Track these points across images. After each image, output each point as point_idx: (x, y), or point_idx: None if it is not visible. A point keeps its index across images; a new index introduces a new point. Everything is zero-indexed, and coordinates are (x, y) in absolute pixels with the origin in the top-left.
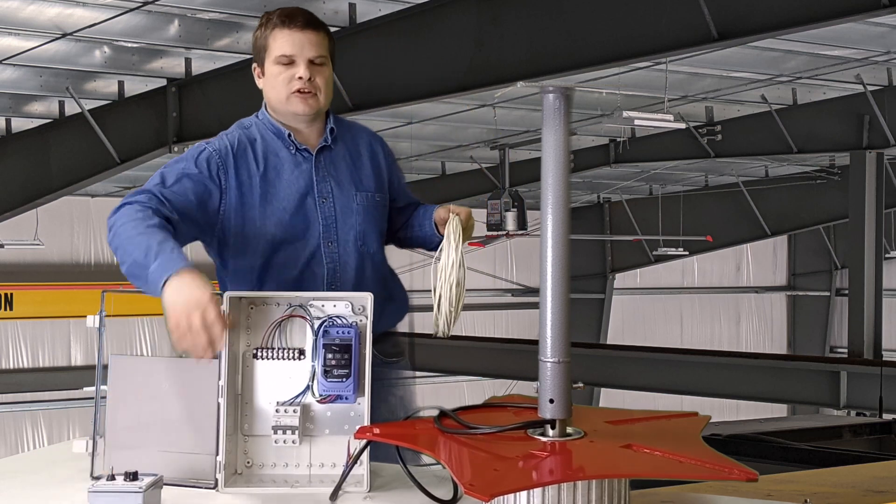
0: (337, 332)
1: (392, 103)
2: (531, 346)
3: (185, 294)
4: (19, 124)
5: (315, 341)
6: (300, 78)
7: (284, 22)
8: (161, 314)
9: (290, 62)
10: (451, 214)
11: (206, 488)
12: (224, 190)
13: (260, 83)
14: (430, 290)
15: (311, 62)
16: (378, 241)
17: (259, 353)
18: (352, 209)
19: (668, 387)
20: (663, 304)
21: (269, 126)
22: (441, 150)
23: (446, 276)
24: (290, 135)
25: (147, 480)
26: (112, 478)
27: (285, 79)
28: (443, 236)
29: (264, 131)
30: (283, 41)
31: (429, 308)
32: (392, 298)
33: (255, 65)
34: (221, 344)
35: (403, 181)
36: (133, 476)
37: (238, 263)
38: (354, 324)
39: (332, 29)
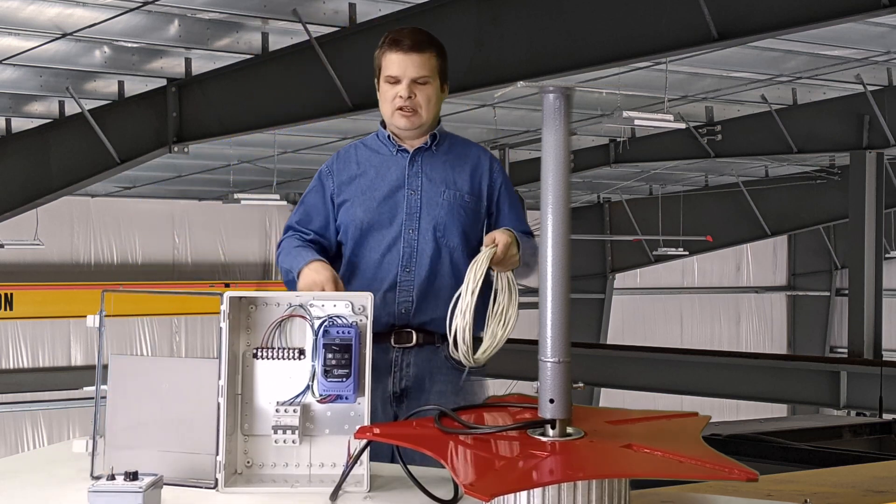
0: (337, 332)
1: None
2: (531, 346)
3: (311, 276)
4: (19, 124)
5: (315, 341)
6: (401, 97)
7: (392, 44)
8: (161, 314)
9: (396, 82)
10: (483, 247)
11: (206, 488)
12: (334, 191)
13: (378, 96)
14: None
15: (414, 81)
16: (460, 238)
17: (259, 353)
18: (437, 202)
19: (668, 387)
20: (663, 304)
21: (379, 134)
22: None
23: (461, 319)
24: (389, 136)
25: (147, 480)
26: (112, 478)
27: (390, 97)
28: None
29: (373, 139)
30: (390, 62)
31: None
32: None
33: (376, 79)
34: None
35: (515, 206)
36: (133, 476)
37: (342, 246)
38: (354, 324)
39: (332, 29)
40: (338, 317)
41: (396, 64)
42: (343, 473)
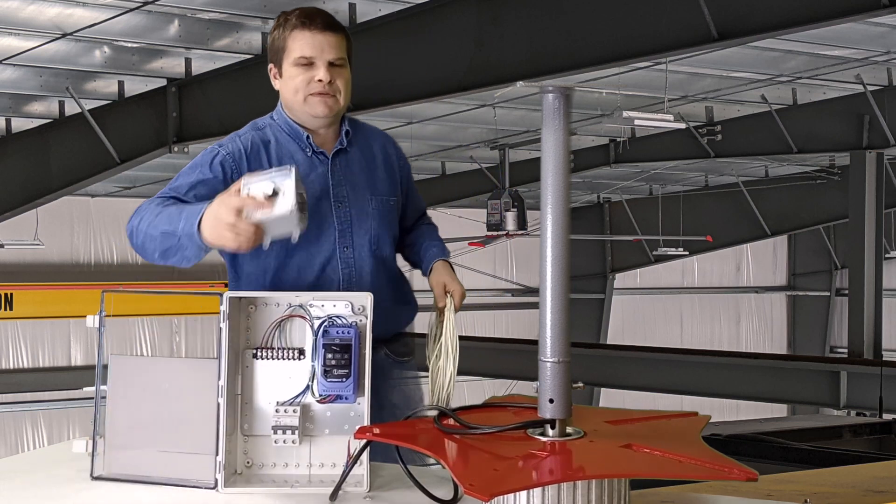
0: (337, 332)
1: (392, 103)
2: (531, 346)
3: (214, 216)
4: (19, 124)
5: (315, 341)
6: (320, 80)
7: (304, 23)
8: (161, 314)
9: (309, 64)
10: (446, 311)
11: (206, 488)
12: None
13: (276, 84)
14: (427, 291)
15: (330, 64)
16: (391, 245)
17: (259, 353)
18: (367, 213)
19: (668, 387)
20: (663, 304)
21: (285, 127)
22: (441, 150)
23: (444, 384)
24: (308, 137)
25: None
26: None
27: (304, 80)
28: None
29: (279, 132)
30: (302, 42)
31: (429, 308)
32: (405, 301)
33: (271, 65)
34: (258, 223)
35: (414, 186)
36: None
37: (251, 268)
38: (354, 324)
39: None
40: (337, 317)
41: (310, 44)
42: (343, 473)
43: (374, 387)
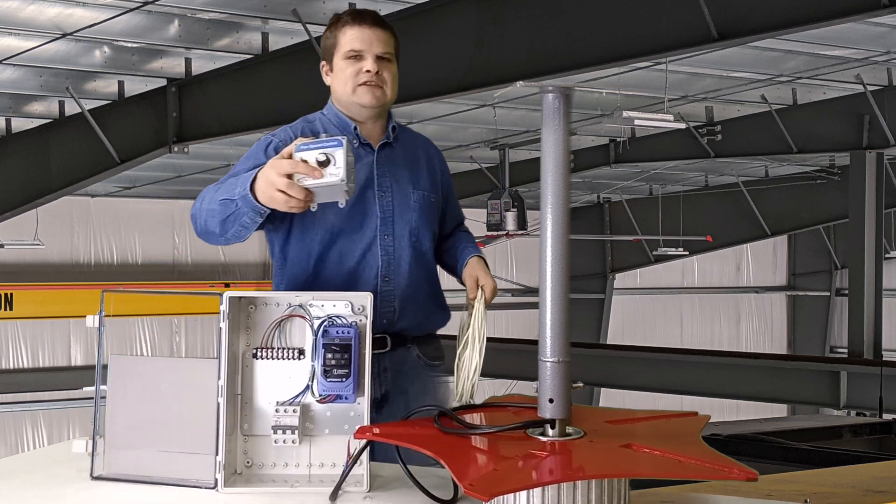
0: (337, 332)
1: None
2: (531, 346)
3: (266, 179)
4: (19, 124)
5: (315, 341)
6: (368, 71)
7: (354, 19)
8: (161, 314)
9: (358, 56)
10: (469, 296)
11: (205, 488)
12: None
13: (328, 80)
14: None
15: (378, 57)
16: (431, 241)
17: (259, 353)
18: (409, 205)
19: (668, 387)
20: (663, 304)
21: (334, 119)
22: (441, 150)
23: (468, 375)
24: (355, 127)
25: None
26: None
27: (353, 72)
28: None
29: (328, 125)
30: (352, 37)
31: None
32: (439, 303)
33: (323, 63)
34: (306, 185)
35: (454, 193)
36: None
37: (297, 253)
38: (354, 323)
39: None
40: (337, 317)
41: (359, 38)
42: (343, 473)
43: (404, 388)
